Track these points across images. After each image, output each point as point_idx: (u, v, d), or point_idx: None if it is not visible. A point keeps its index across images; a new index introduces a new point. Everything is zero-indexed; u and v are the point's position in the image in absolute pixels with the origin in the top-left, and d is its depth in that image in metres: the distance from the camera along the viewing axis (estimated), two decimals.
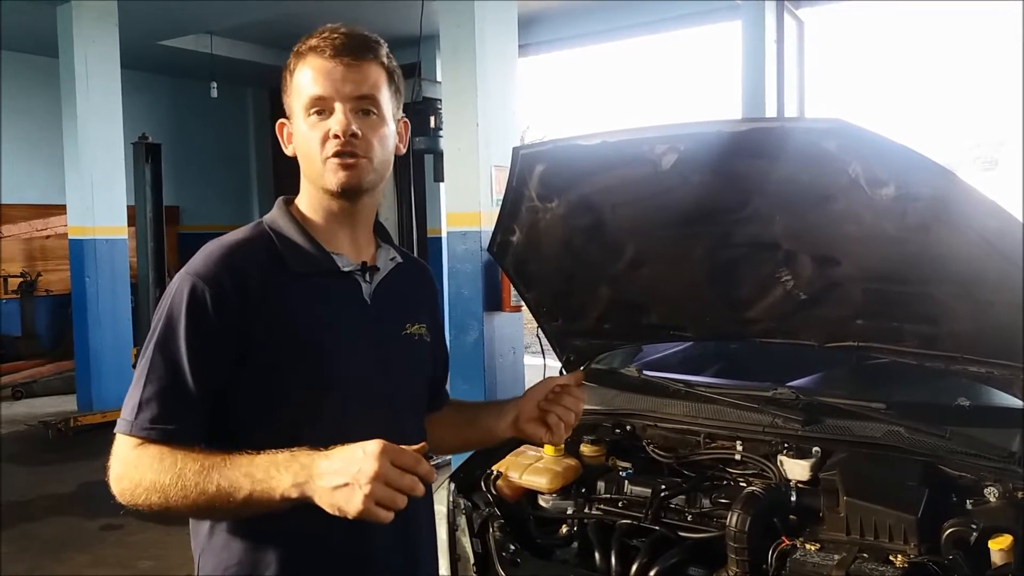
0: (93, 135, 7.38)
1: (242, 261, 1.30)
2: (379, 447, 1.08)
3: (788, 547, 1.78)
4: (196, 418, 1.26)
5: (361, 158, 1.32)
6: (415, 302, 1.51)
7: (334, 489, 1.08)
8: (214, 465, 1.16)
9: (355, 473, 1.07)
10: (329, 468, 1.09)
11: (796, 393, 2.19)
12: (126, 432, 1.24)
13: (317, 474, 1.10)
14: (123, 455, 1.23)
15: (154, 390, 1.24)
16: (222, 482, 1.15)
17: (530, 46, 9.43)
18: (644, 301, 2.38)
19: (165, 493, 1.17)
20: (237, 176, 12.51)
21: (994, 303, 1.80)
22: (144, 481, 1.19)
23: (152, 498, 1.18)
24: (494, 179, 5.21)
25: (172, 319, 1.26)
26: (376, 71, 1.34)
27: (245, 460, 1.16)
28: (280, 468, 1.12)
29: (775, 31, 7.51)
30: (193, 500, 1.16)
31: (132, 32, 7.77)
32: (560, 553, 2.13)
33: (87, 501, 5.25)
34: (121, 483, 1.22)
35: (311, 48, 1.32)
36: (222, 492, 1.15)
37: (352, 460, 1.08)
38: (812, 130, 1.70)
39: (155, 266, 8.09)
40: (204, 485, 1.16)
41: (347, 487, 1.07)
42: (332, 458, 1.11)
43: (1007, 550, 1.61)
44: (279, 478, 1.12)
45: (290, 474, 1.12)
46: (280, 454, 1.14)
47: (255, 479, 1.13)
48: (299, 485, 1.11)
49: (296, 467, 1.12)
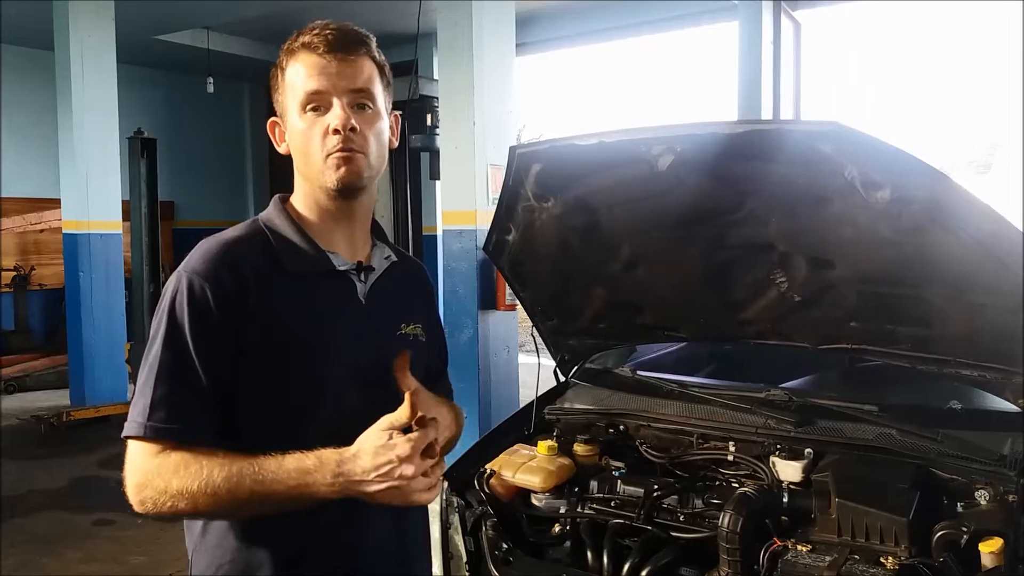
0: (88, 129, 7.35)
1: (239, 259, 1.29)
2: (411, 447, 1.16)
3: (780, 548, 1.79)
4: (210, 416, 1.25)
5: (359, 153, 1.31)
6: (410, 301, 1.51)
7: (381, 491, 1.17)
8: (243, 471, 1.17)
9: (397, 476, 1.16)
10: (369, 473, 1.17)
11: (789, 395, 2.20)
12: (139, 435, 1.22)
13: (357, 479, 1.17)
14: (142, 463, 1.22)
15: (166, 389, 1.23)
16: (256, 488, 1.17)
17: (527, 45, 9.44)
18: (639, 301, 2.39)
19: (194, 500, 1.17)
20: (232, 172, 12.48)
21: (987, 306, 1.81)
22: (170, 489, 1.18)
23: (180, 505, 1.18)
24: (490, 178, 5.21)
25: (176, 318, 1.24)
26: (369, 65, 1.34)
27: (273, 465, 1.18)
28: (313, 474, 1.17)
29: (772, 32, 7.53)
30: (225, 505, 1.18)
31: (128, 26, 7.74)
32: (553, 552, 2.13)
33: (79, 496, 5.24)
34: (143, 492, 1.20)
35: (303, 45, 1.31)
36: (256, 497, 1.17)
37: (390, 463, 1.16)
38: (808, 132, 1.71)
39: (149, 261, 8.06)
40: (236, 491, 1.17)
41: (396, 490, 1.17)
42: (361, 460, 1.17)
43: (997, 553, 1.62)
44: (315, 485, 1.17)
45: (325, 483, 1.17)
46: (307, 459, 1.18)
47: (289, 485, 1.17)
48: (339, 492, 1.18)
49: (330, 476, 1.17)
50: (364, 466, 1.16)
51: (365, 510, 1.31)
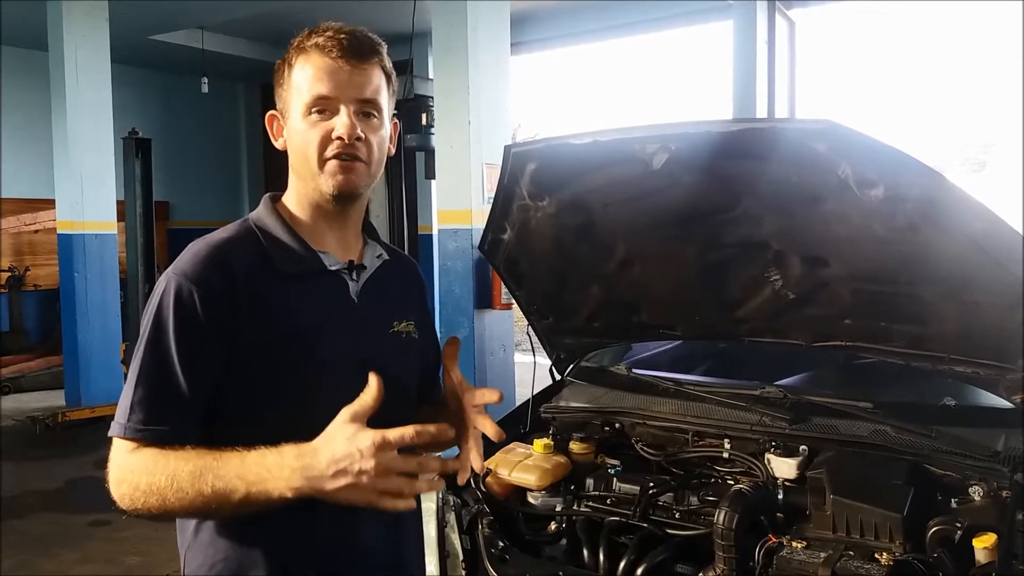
0: (83, 130, 7.34)
1: (229, 260, 1.29)
2: (372, 442, 1.10)
3: (775, 545, 1.79)
4: (190, 418, 1.25)
5: (361, 162, 1.32)
6: (403, 299, 1.50)
7: (339, 489, 1.11)
8: (207, 466, 1.16)
9: (356, 473, 1.10)
10: (325, 468, 1.11)
11: (784, 392, 2.20)
12: (120, 435, 1.23)
13: (315, 475, 1.11)
14: (119, 460, 1.22)
15: (145, 392, 1.23)
16: (217, 483, 1.15)
17: (522, 44, 9.43)
18: (634, 300, 2.39)
19: (162, 496, 1.17)
20: (227, 172, 12.46)
21: (981, 304, 1.82)
22: (141, 484, 1.18)
23: (150, 501, 1.18)
24: (486, 177, 5.22)
25: (161, 320, 1.24)
26: (379, 74, 1.34)
27: (236, 460, 1.16)
28: (271, 470, 1.13)
29: (766, 31, 7.54)
30: (191, 502, 1.17)
31: (122, 26, 7.72)
32: (549, 550, 2.13)
33: (75, 497, 5.23)
34: (120, 488, 1.21)
35: (316, 46, 1.31)
36: (218, 493, 1.15)
37: (349, 456, 1.10)
38: (802, 131, 1.71)
39: (144, 262, 8.04)
40: (200, 487, 1.16)
41: (355, 488, 1.11)
42: (321, 453, 1.12)
43: (991, 548, 1.62)
44: (273, 481, 1.13)
45: (282, 478, 1.13)
46: (269, 454, 1.15)
47: (248, 481, 1.14)
48: (296, 488, 1.12)
49: (287, 471, 1.13)
50: (322, 459, 1.11)
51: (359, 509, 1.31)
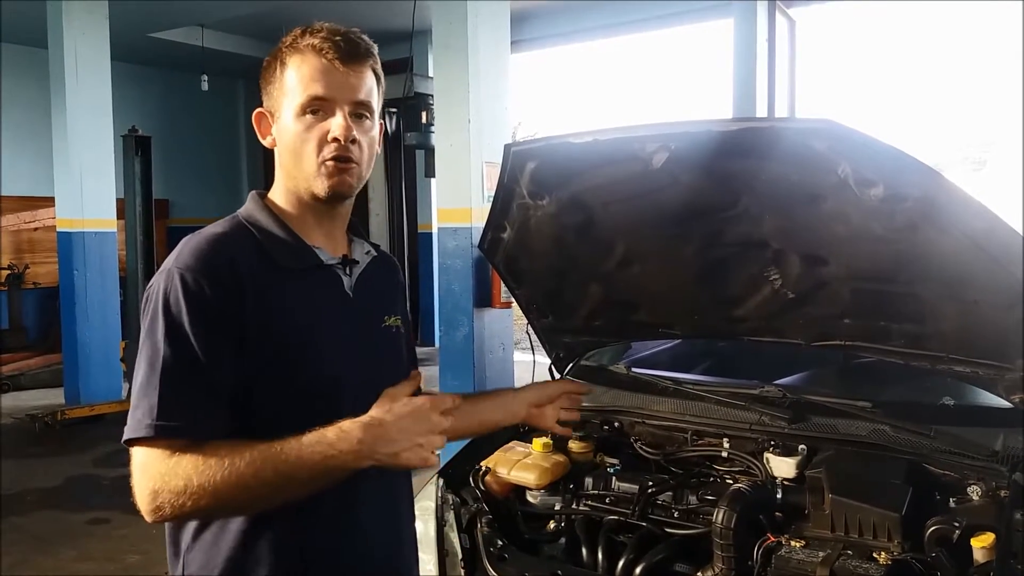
0: (82, 127, 7.34)
1: (231, 253, 1.28)
2: (426, 406, 1.21)
3: (773, 544, 1.80)
4: (221, 411, 1.23)
5: (355, 164, 1.33)
6: (390, 295, 1.53)
7: (402, 452, 1.19)
8: (265, 455, 1.16)
9: (422, 434, 1.20)
10: (390, 435, 1.18)
11: (783, 391, 2.20)
12: (147, 435, 1.18)
13: (381, 446, 1.18)
14: (154, 468, 1.18)
15: (172, 387, 1.20)
16: (281, 468, 1.15)
17: (522, 42, 9.44)
18: (634, 299, 2.39)
19: (216, 492, 1.15)
20: (227, 170, 12.46)
21: (980, 303, 1.82)
22: (190, 487, 1.15)
23: (201, 502, 1.16)
24: (485, 175, 5.21)
25: (172, 315, 1.21)
26: (371, 77, 1.35)
27: (294, 444, 1.16)
28: (336, 444, 1.16)
29: (767, 30, 7.54)
30: (249, 493, 1.16)
31: (122, 24, 7.72)
32: (548, 549, 2.14)
33: (74, 495, 5.21)
34: (158, 498, 1.17)
35: (311, 47, 1.31)
36: (281, 479, 1.16)
37: (418, 421, 1.20)
38: (802, 130, 1.71)
39: (144, 259, 8.03)
40: (261, 475, 1.15)
41: (419, 447, 1.20)
42: (387, 426, 1.18)
43: (989, 548, 1.63)
44: (339, 456, 1.16)
45: (350, 452, 1.17)
46: (328, 432, 1.17)
47: (314, 460, 1.16)
48: (364, 457, 1.18)
49: (352, 442, 1.17)
50: (395, 431, 1.18)
51: (358, 509, 1.32)
